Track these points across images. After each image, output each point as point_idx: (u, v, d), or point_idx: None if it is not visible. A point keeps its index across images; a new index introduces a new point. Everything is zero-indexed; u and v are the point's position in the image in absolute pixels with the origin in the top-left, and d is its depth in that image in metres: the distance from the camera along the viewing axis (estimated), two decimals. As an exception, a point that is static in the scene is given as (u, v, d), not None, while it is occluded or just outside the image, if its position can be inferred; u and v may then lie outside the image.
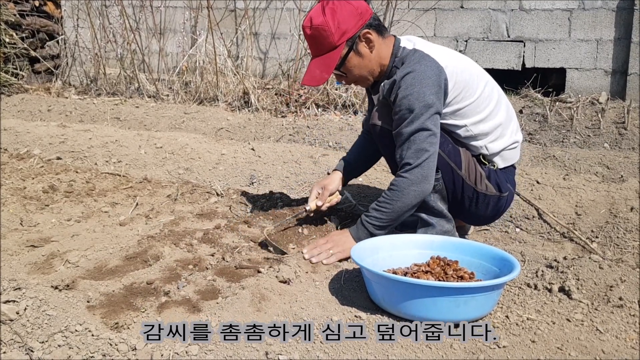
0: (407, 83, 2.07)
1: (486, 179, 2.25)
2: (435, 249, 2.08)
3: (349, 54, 2.14)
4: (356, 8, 2.12)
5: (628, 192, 2.76)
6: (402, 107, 2.08)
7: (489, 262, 1.96)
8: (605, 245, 2.42)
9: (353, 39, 2.12)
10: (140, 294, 1.92)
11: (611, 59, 4.71)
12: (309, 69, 2.17)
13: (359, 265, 1.83)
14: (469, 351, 1.61)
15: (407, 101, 2.06)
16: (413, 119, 2.06)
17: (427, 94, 2.06)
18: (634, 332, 1.70)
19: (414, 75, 2.07)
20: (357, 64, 2.17)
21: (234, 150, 3.82)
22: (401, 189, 2.11)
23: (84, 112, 5.29)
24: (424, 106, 2.05)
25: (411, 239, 2.14)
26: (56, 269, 2.14)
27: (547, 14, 4.84)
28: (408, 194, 2.10)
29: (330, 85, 5.17)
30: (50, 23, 6.67)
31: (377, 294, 1.82)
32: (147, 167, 3.55)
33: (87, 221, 2.65)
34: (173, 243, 2.30)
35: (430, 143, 2.08)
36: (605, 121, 4.26)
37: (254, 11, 5.86)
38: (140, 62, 6.09)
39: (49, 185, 3.06)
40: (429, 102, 2.06)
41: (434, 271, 1.92)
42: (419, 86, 2.06)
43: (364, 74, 2.22)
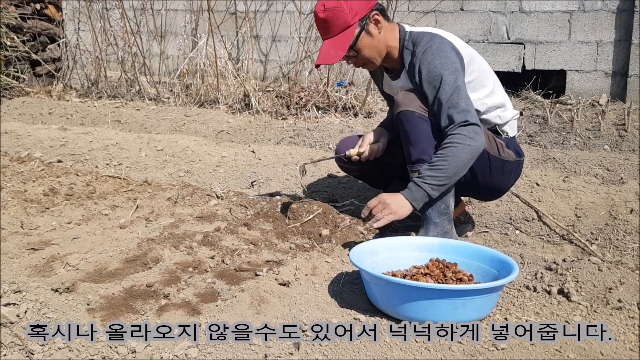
0: (429, 58, 2.20)
1: (506, 147, 2.36)
2: (435, 251, 2.08)
3: (360, 34, 2.25)
4: None
5: (628, 194, 2.76)
6: (431, 79, 2.19)
7: (487, 264, 1.96)
8: (604, 248, 2.42)
9: (364, 19, 2.24)
10: (140, 297, 1.93)
11: (611, 61, 4.72)
12: (323, 50, 2.26)
13: (358, 267, 1.84)
14: (468, 353, 1.61)
15: (435, 72, 2.18)
16: (446, 84, 2.16)
17: (451, 61, 2.19)
18: (633, 335, 1.70)
19: (432, 50, 2.20)
20: (367, 43, 2.27)
21: (235, 152, 3.82)
22: (456, 144, 2.12)
23: (85, 115, 5.31)
24: (452, 72, 2.17)
25: (410, 241, 2.15)
26: (56, 271, 2.14)
27: (547, 15, 4.85)
28: (464, 149, 2.11)
29: (330, 87, 5.18)
30: (52, 26, 6.69)
31: (376, 297, 1.83)
32: (148, 169, 3.55)
33: (87, 224, 2.66)
34: (173, 246, 2.31)
35: (469, 102, 2.18)
36: (605, 123, 4.26)
37: (255, 14, 5.87)
38: (141, 64, 6.11)
39: (49, 188, 3.06)
40: (456, 67, 2.18)
41: (433, 273, 1.92)
42: (441, 57, 2.19)
43: (373, 55, 2.32)
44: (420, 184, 2.15)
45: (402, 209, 2.16)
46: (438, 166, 2.14)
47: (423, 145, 2.22)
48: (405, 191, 2.18)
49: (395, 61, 2.37)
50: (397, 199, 2.17)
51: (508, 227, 2.71)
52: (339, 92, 5.18)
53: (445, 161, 2.12)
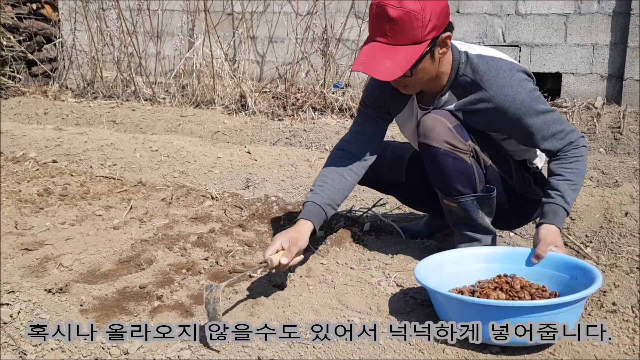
0: (509, 94, 1.89)
1: (534, 184, 2.18)
2: (501, 261, 1.93)
3: (426, 55, 1.83)
4: (446, 4, 1.85)
5: (623, 197, 2.77)
6: (521, 115, 1.91)
7: (561, 271, 1.84)
8: (599, 250, 2.42)
9: (436, 38, 1.82)
10: (133, 298, 1.92)
11: (607, 64, 4.73)
12: (374, 56, 1.80)
13: (427, 287, 1.70)
14: (462, 356, 1.60)
15: (522, 109, 1.90)
16: (541, 117, 1.93)
17: (528, 89, 1.92)
18: (627, 338, 1.70)
19: (507, 80, 1.90)
20: (426, 67, 1.87)
21: (230, 153, 3.81)
22: (583, 158, 1.96)
23: (80, 115, 5.29)
24: (536, 100, 1.93)
25: (475, 252, 1.99)
26: (50, 272, 2.13)
27: (543, 18, 4.86)
28: (584, 163, 1.97)
29: (327, 88, 5.17)
30: (48, 26, 6.67)
31: (451, 317, 1.68)
32: (142, 170, 3.54)
33: (81, 225, 2.65)
34: (167, 247, 2.30)
35: (563, 120, 1.98)
36: (600, 126, 4.27)
37: (252, 15, 5.86)
38: (137, 65, 6.09)
39: (44, 189, 3.05)
40: (535, 94, 1.94)
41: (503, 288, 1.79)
42: (519, 89, 1.90)
43: (423, 81, 1.93)
44: (565, 205, 1.91)
45: (561, 240, 1.92)
46: (577, 185, 1.94)
47: (450, 184, 2.00)
48: (555, 219, 1.90)
49: (439, 87, 1.99)
50: (554, 232, 1.90)
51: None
52: (336, 94, 5.18)
53: (581, 178, 1.96)
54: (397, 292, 1.97)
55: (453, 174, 1.99)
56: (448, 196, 2.05)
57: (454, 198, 2.04)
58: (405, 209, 2.91)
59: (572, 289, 1.73)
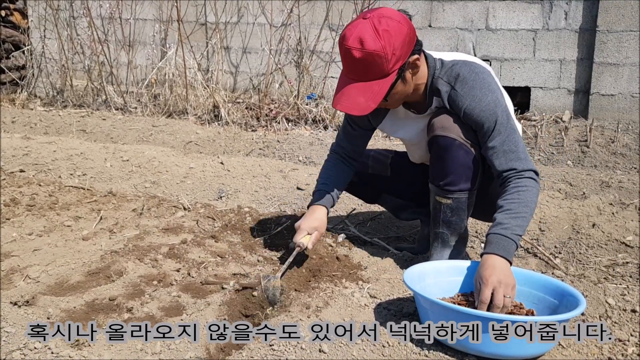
0: (477, 94, 1.98)
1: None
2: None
3: (396, 82, 1.95)
4: (408, 30, 1.92)
5: (590, 209, 2.83)
6: (484, 118, 1.99)
7: (542, 291, 1.86)
8: (567, 261, 2.46)
9: (404, 66, 1.94)
10: (102, 311, 1.88)
11: (574, 79, 4.85)
12: (349, 94, 1.94)
13: (418, 295, 1.72)
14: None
15: (487, 112, 1.98)
16: (500, 125, 1.98)
17: (500, 97, 2.01)
18: (595, 347, 1.73)
19: (479, 84, 1.99)
20: (400, 90, 2.00)
21: (203, 164, 3.79)
22: (530, 188, 1.94)
23: (49, 124, 5.20)
24: (503, 109, 2.00)
25: (456, 265, 2.01)
26: (16, 284, 2.08)
27: (512, 33, 4.96)
28: (535, 193, 1.95)
29: (301, 100, 5.19)
30: (17, 33, 6.55)
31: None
32: (113, 180, 3.49)
33: (49, 235, 2.59)
34: (137, 258, 2.26)
35: (522, 142, 2.03)
36: (568, 139, 4.37)
37: (225, 25, 5.86)
38: (108, 74, 6.03)
39: (10, 199, 2.98)
40: (504, 103, 2.02)
41: None
42: (491, 93, 1.99)
43: (400, 100, 2.07)
44: (512, 236, 1.86)
45: (509, 275, 1.79)
46: (520, 213, 1.90)
47: (454, 177, 2.07)
48: (497, 248, 1.84)
49: (419, 96, 2.10)
50: (500, 267, 1.80)
51: (474, 240, 2.74)
52: (309, 105, 5.19)
53: (526, 207, 1.92)
54: (370, 302, 1.97)
55: (460, 168, 2.07)
56: (445, 191, 2.10)
57: (452, 193, 2.10)
58: (382, 221, 2.92)
59: (553, 310, 1.77)
